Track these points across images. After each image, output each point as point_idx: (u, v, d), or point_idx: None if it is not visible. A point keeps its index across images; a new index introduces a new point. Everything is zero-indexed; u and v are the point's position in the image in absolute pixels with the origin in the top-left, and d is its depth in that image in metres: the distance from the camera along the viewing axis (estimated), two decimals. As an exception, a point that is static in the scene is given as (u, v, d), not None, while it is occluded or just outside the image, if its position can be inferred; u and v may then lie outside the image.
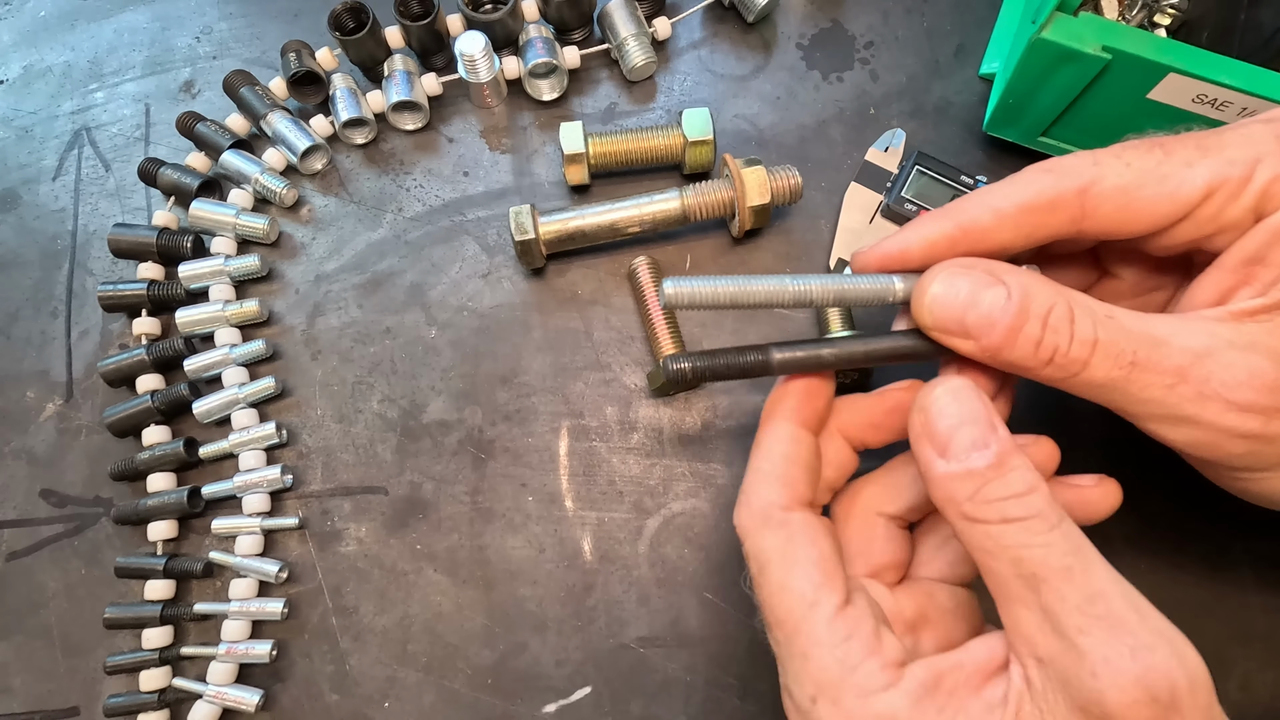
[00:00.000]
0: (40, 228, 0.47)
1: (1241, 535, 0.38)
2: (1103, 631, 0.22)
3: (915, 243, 0.29)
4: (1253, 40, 0.40)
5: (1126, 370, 0.26)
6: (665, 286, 0.28)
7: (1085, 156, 0.28)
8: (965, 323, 0.27)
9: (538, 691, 0.38)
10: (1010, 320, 0.26)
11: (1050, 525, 0.24)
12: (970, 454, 0.25)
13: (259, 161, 0.45)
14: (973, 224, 0.28)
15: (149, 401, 0.41)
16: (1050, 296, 0.26)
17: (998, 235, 0.28)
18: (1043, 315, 0.26)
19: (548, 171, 0.46)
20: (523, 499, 0.41)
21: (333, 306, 0.44)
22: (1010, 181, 0.29)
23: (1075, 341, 0.26)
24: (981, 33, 0.48)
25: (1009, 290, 0.26)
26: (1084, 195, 0.27)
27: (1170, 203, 0.27)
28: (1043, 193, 0.28)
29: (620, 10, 0.46)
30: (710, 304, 0.28)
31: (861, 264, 0.30)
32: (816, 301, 0.29)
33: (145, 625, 0.39)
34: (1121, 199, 0.27)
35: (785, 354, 0.29)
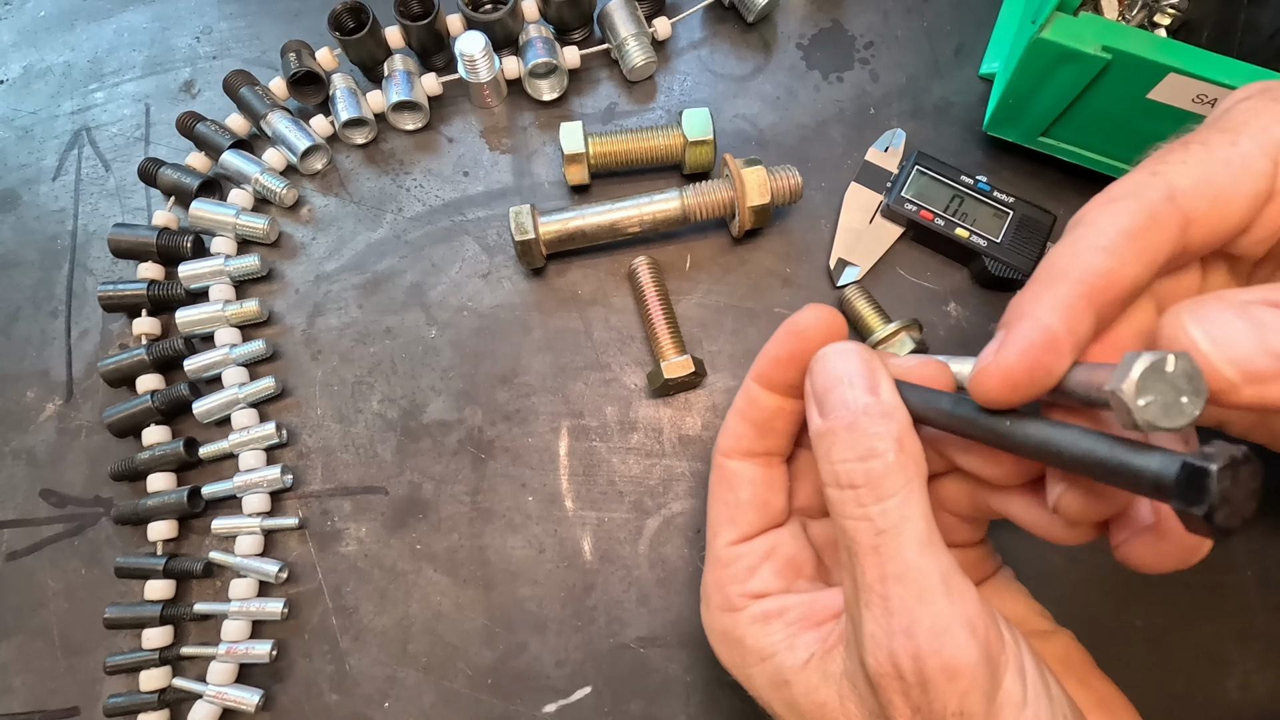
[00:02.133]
0: (40, 228, 0.47)
1: (1241, 535, 0.38)
2: (879, 609, 0.24)
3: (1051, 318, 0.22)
4: (1253, 40, 0.40)
5: None
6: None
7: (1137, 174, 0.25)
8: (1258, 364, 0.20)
9: (538, 691, 0.38)
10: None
11: (876, 497, 0.24)
12: (837, 411, 0.26)
13: (259, 161, 0.45)
14: (1090, 274, 0.23)
15: (149, 401, 0.41)
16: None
17: (1123, 273, 0.23)
18: None
19: (548, 171, 0.46)
20: (523, 499, 0.41)
21: (333, 306, 0.44)
22: (1091, 223, 0.24)
23: None
24: (981, 33, 0.48)
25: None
26: (1172, 201, 0.24)
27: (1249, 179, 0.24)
28: (1136, 212, 0.23)
29: (620, 10, 0.46)
30: None
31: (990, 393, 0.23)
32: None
33: (145, 625, 0.39)
34: (1209, 191, 0.24)
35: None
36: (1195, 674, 0.37)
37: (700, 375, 0.41)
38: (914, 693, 0.23)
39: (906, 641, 0.23)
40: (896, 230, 0.43)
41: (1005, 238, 0.42)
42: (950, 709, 0.23)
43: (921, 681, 0.23)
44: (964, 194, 0.43)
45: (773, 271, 0.44)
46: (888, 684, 0.24)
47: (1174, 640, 0.37)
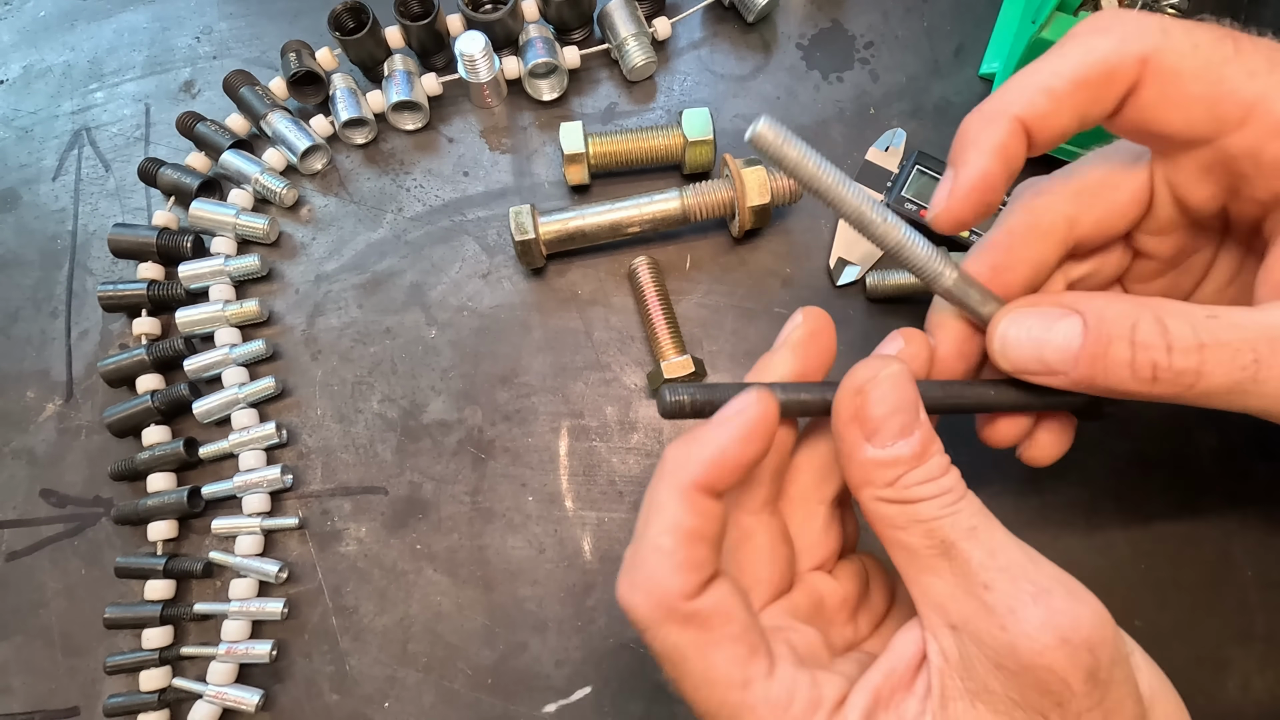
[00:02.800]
0: (40, 228, 0.47)
1: (1241, 535, 0.38)
2: (1005, 583, 0.22)
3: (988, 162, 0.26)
4: (1253, 40, 0.39)
5: (1252, 370, 0.23)
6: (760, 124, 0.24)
7: (1152, 19, 0.25)
8: (1045, 360, 0.26)
9: (538, 691, 0.38)
10: (1089, 348, 0.24)
11: (959, 496, 0.24)
12: (897, 441, 0.24)
13: (259, 161, 0.45)
14: (1030, 113, 0.25)
15: (149, 401, 0.41)
16: (1130, 312, 0.24)
17: (1055, 121, 0.26)
18: (1126, 335, 0.24)
19: (548, 171, 0.46)
20: (523, 499, 0.41)
21: (333, 306, 0.44)
22: (1060, 52, 0.25)
23: (1176, 352, 0.23)
24: (981, 33, 0.48)
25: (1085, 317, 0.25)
26: (1144, 64, 0.24)
27: (1209, 112, 0.25)
28: (1102, 61, 0.25)
29: (620, 10, 0.46)
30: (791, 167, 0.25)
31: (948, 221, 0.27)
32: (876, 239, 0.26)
33: (145, 625, 0.39)
34: (1170, 85, 0.25)
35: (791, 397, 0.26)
36: (1195, 674, 0.37)
37: (700, 375, 0.41)
38: (1081, 654, 0.21)
39: (1051, 599, 0.22)
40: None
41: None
42: (1111, 656, 0.22)
43: (1082, 636, 0.21)
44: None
45: (773, 271, 0.44)
46: (1050, 657, 0.21)
47: (1174, 640, 0.37)
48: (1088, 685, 0.21)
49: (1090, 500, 0.39)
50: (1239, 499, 0.39)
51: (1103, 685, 0.22)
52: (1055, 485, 0.39)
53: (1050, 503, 0.39)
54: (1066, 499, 0.39)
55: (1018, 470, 0.40)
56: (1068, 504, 0.39)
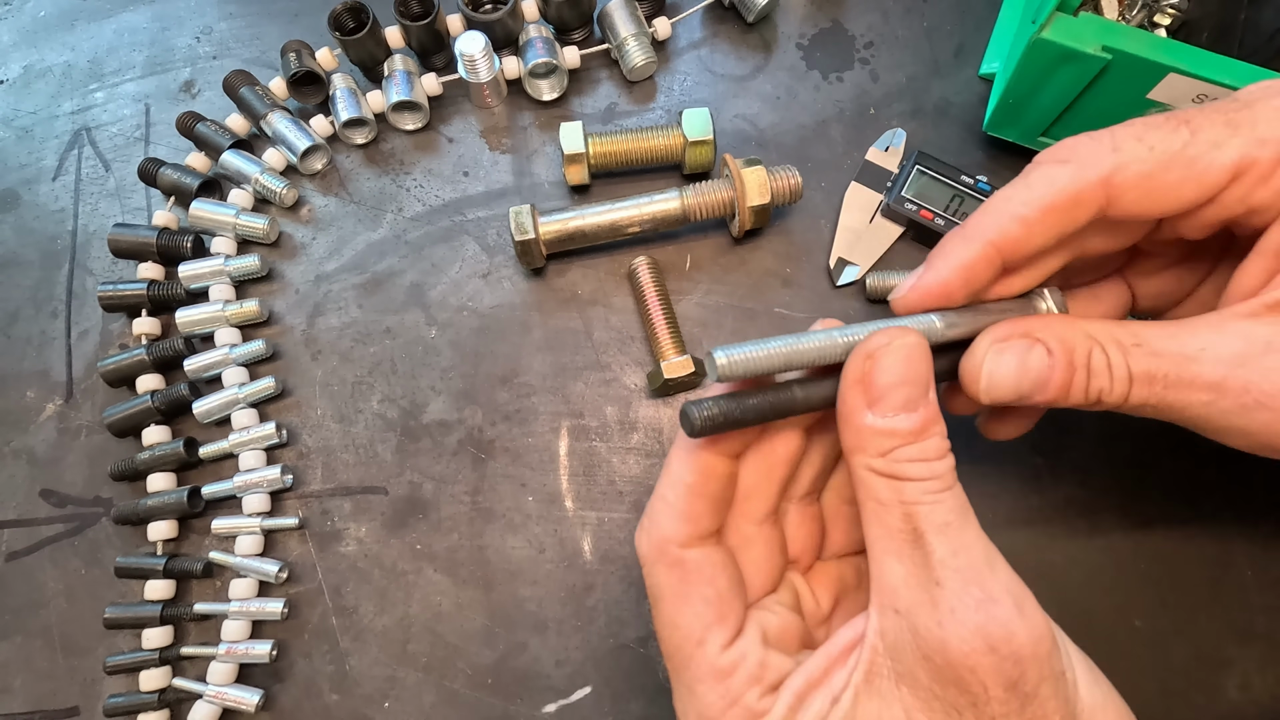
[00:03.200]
0: (40, 228, 0.47)
1: (1241, 535, 0.38)
2: (956, 582, 0.23)
3: (951, 274, 0.28)
4: (1253, 40, 0.40)
5: (1160, 392, 0.26)
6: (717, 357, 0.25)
7: (1103, 140, 0.27)
8: (1021, 391, 0.28)
9: (538, 691, 0.38)
10: (1060, 377, 0.27)
11: (946, 486, 0.25)
12: (898, 414, 0.25)
13: (259, 161, 0.45)
14: (1002, 238, 0.28)
15: (149, 401, 0.41)
16: (1085, 341, 0.27)
17: (1030, 242, 0.28)
18: (1085, 363, 0.27)
19: (548, 171, 0.46)
20: (523, 499, 0.41)
21: (333, 306, 0.44)
22: (1026, 182, 0.28)
23: (1116, 380, 0.27)
24: (981, 33, 0.48)
25: (1049, 347, 0.27)
26: (1107, 185, 0.27)
27: (1197, 186, 0.26)
28: (1064, 190, 0.27)
29: (620, 10, 0.46)
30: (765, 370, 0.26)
31: (903, 306, 0.29)
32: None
33: (145, 625, 0.39)
34: (1146, 185, 0.26)
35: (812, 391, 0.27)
36: (1195, 674, 0.37)
37: (700, 375, 0.41)
38: (1006, 666, 0.22)
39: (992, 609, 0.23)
40: (896, 230, 0.43)
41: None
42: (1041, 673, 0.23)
43: (1011, 650, 0.22)
44: (964, 193, 0.43)
45: (773, 271, 0.44)
46: (976, 661, 0.22)
47: (1174, 640, 0.37)
48: (1006, 693, 0.22)
49: (1090, 500, 0.39)
50: (1239, 499, 0.39)
51: (1022, 697, 0.23)
52: (1055, 485, 0.39)
53: (1050, 502, 0.39)
54: (1066, 499, 0.39)
55: (1018, 470, 0.40)
56: (1068, 504, 0.39)
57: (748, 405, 0.26)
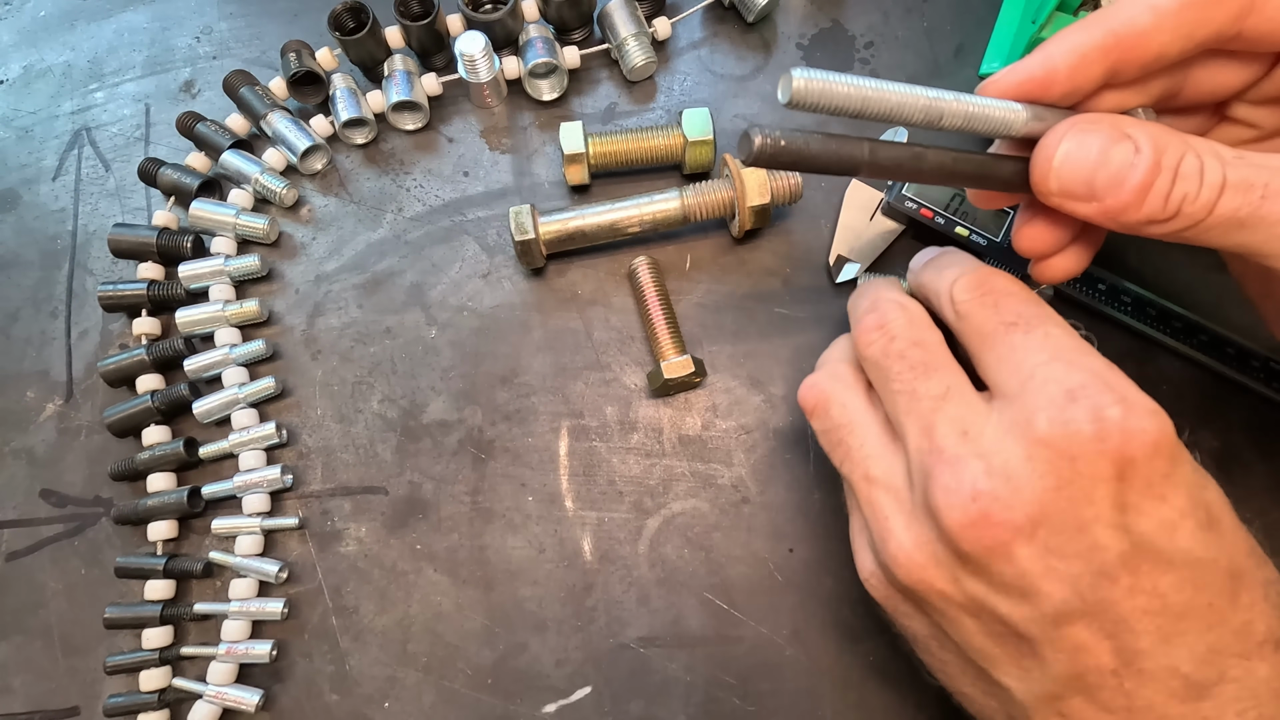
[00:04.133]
0: (40, 228, 0.47)
1: (1241, 535, 0.38)
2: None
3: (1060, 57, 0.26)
4: (1253, 40, 0.39)
5: (1256, 204, 0.24)
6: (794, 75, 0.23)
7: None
8: (1094, 185, 0.25)
9: (538, 691, 0.38)
10: (1142, 177, 0.24)
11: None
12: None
13: (259, 161, 0.45)
14: (1128, 28, 0.25)
15: (149, 401, 0.41)
16: (1180, 146, 0.25)
17: (1155, 39, 0.25)
18: (1173, 167, 0.24)
19: (548, 171, 0.46)
20: (523, 499, 0.41)
21: (333, 306, 0.44)
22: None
23: (1205, 186, 0.24)
24: (981, 33, 0.48)
25: (1138, 145, 0.25)
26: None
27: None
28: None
29: (620, 10, 0.46)
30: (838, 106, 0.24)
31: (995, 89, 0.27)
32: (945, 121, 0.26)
33: (145, 625, 0.39)
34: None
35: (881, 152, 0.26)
36: (1195, 674, 0.37)
37: (700, 375, 0.41)
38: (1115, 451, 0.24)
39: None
40: (897, 228, 0.43)
41: (1005, 237, 0.42)
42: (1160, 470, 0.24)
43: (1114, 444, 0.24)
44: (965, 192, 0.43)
45: (773, 271, 0.44)
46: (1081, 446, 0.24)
47: (1174, 640, 0.37)
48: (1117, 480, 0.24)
49: (1090, 500, 0.39)
50: (1239, 499, 0.39)
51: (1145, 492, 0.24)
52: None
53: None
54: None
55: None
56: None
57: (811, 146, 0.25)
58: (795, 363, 0.42)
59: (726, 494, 0.40)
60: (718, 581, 0.39)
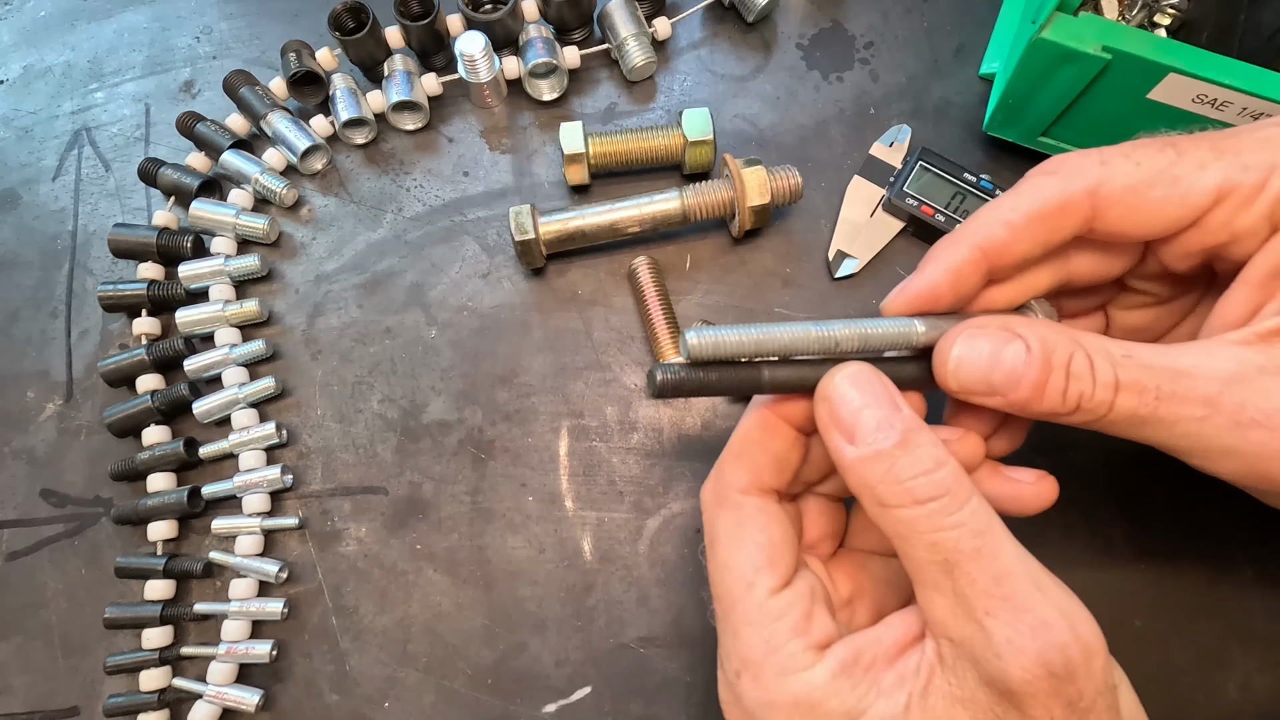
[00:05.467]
0: (40, 228, 0.47)
1: (1241, 535, 0.38)
2: (1007, 612, 0.23)
3: (940, 276, 0.28)
4: (1253, 40, 0.40)
5: (1153, 405, 0.25)
6: (688, 337, 0.27)
7: (1092, 155, 0.28)
8: (991, 382, 0.27)
9: (538, 691, 0.38)
10: (1035, 375, 0.26)
11: (960, 503, 0.24)
12: (876, 435, 0.25)
13: (259, 161, 0.45)
14: (989, 242, 0.28)
15: (149, 401, 0.41)
16: (1069, 345, 0.26)
17: (1015, 248, 0.28)
18: (1064, 365, 0.26)
19: (548, 171, 0.46)
20: (523, 499, 0.41)
21: (333, 306, 0.44)
22: (1016, 191, 0.28)
23: (1099, 385, 0.25)
24: (981, 33, 0.48)
25: (1028, 344, 0.26)
26: (1093, 196, 0.27)
27: (1180, 206, 0.27)
28: (1051, 198, 0.27)
29: (620, 10, 0.46)
30: (734, 355, 0.27)
31: (893, 309, 0.30)
32: (842, 348, 0.28)
33: (145, 625, 0.39)
34: (1131, 199, 0.27)
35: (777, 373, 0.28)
36: (1195, 674, 0.37)
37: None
38: (1066, 687, 0.23)
39: (1048, 634, 0.23)
40: (897, 225, 0.43)
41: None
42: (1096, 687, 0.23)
43: (1069, 671, 0.23)
44: (966, 191, 0.43)
45: (773, 271, 0.44)
46: (1037, 687, 0.22)
47: (1174, 640, 0.37)
48: (1066, 711, 0.23)
49: (1090, 500, 0.39)
50: (1239, 499, 0.39)
51: (1081, 712, 0.23)
52: (1055, 485, 0.39)
53: (1050, 503, 0.39)
54: (1066, 499, 0.39)
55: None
56: (1068, 504, 0.39)
57: (710, 377, 0.27)
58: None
59: (726, 494, 0.40)
60: (718, 581, 0.39)
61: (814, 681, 0.25)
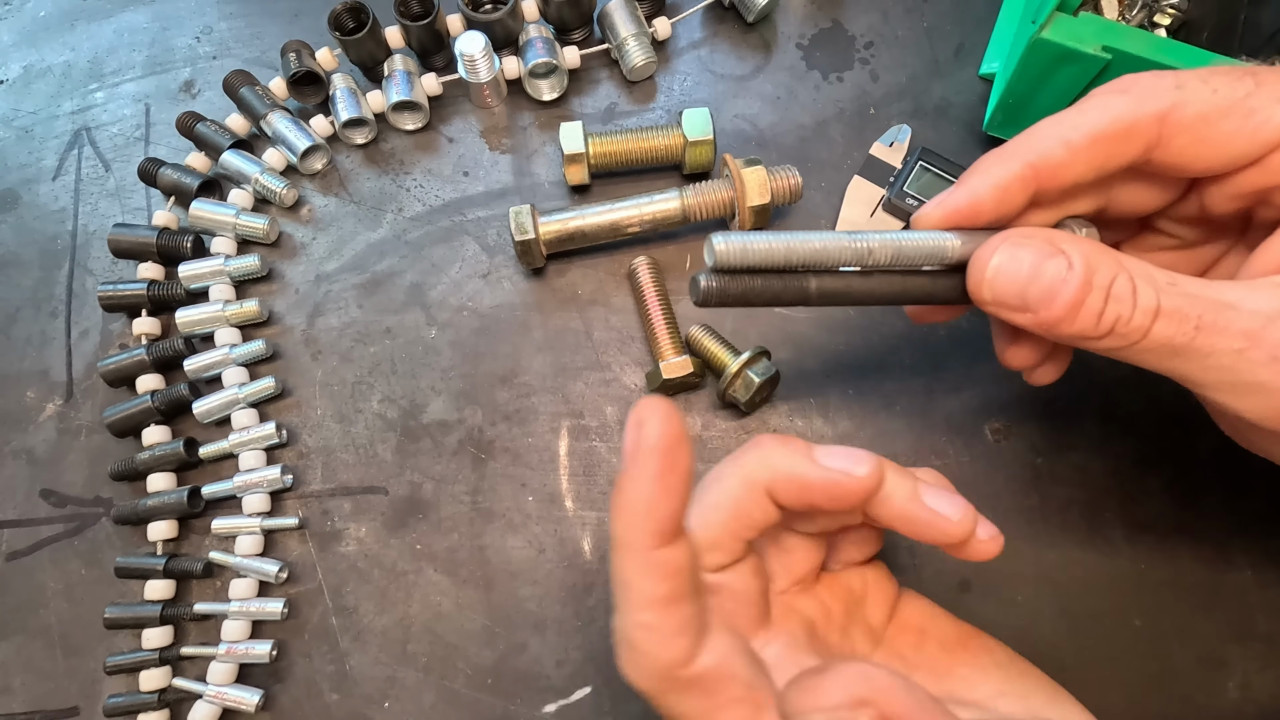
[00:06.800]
0: (40, 228, 0.47)
1: (1241, 535, 0.38)
2: None
3: (984, 190, 0.27)
4: (1253, 40, 0.40)
5: (1191, 335, 0.24)
6: (715, 241, 0.25)
7: (1166, 77, 0.26)
8: (1026, 297, 0.26)
9: (538, 691, 0.38)
10: (1073, 293, 0.25)
11: None
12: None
13: (259, 161, 0.45)
14: (1043, 160, 0.26)
15: (149, 401, 0.41)
16: (1113, 267, 0.25)
17: (1070, 170, 0.27)
18: (1105, 286, 0.25)
19: (548, 171, 0.46)
20: (523, 499, 0.41)
21: (333, 306, 0.44)
22: (1080, 109, 0.27)
23: (1138, 310, 0.25)
24: (981, 33, 0.48)
25: (1070, 261, 0.25)
26: (1163, 121, 0.26)
27: (1250, 140, 0.25)
28: (1119, 119, 0.26)
29: (620, 10, 0.46)
30: (762, 263, 0.25)
31: (926, 223, 0.28)
32: (875, 259, 0.27)
33: (145, 625, 0.39)
34: (1201, 129, 0.25)
35: (825, 283, 0.27)
36: (1195, 674, 0.37)
37: (700, 375, 0.41)
38: None
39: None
40: (897, 225, 0.43)
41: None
42: None
43: None
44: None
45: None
46: None
47: (1174, 640, 0.37)
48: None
49: (1090, 500, 0.39)
50: (1239, 499, 0.39)
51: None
52: (1055, 485, 0.39)
53: (1050, 503, 0.39)
54: (1066, 499, 0.39)
55: (1018, 470, 0.40)
56: (1068, 504, 0.39)
57: (754, 284, 0.26)
58: (795, 363, 0.42)
59: (726, 494, 0.40)
60: (718, 581, 0.39)
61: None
